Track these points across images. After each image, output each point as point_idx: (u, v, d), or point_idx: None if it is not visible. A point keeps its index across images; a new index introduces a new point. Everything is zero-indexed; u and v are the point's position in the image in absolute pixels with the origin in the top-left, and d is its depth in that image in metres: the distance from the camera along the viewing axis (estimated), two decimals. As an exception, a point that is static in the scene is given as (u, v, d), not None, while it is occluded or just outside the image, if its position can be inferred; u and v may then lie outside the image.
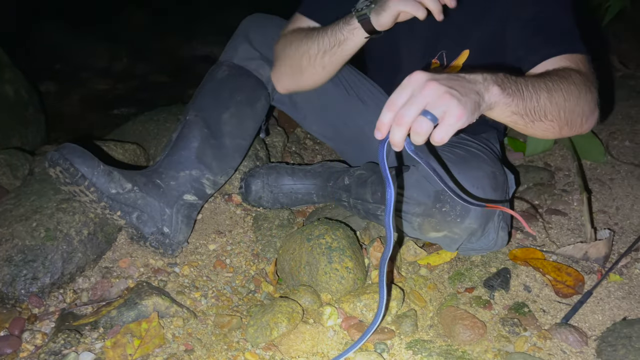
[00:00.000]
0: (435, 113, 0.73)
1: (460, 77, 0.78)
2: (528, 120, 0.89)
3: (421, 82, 0.74)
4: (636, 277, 1.18)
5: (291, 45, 1.25)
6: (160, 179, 1.23)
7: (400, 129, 0.74)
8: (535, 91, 0.88)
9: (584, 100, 0.96)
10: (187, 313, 1.09)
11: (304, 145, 1.96)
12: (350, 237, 1.24)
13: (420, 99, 0.73)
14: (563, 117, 0.94)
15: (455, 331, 1.07)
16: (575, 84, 0.94)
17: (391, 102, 0.76)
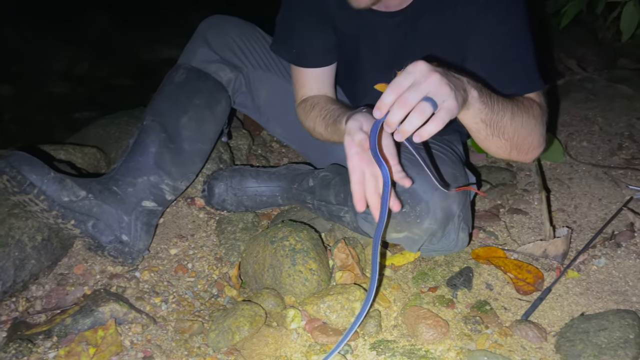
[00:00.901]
0: (437, 100, 0.78)
1: (453, 75, 0.85)
2: (489, 132, 0.97)
3: (426, 71, 0.79)
4: (593, 274, 1.21)
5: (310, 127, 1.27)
6: (117, 186, 1.19)
7: (402, 110, 0.78)
8: (502, 109, 0.95)
9: (535, 133, 1.06)
10: (147, 319, 1.07)
11: (270, 148, 1.94)
12: (314, 239, 1.24)
13: (424, 85, 0.78)
14: (515, 141, 1.02)
15: (418, 331, 1.07)
16: (534, 117, 1.04)
17: (395, 85, 0.79)
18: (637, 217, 1.31)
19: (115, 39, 3.47)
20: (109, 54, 3.27)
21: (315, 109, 1.24)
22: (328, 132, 1.20)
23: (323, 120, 1.20)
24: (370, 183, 0.92)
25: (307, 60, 1.28)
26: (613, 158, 1.71)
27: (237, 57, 1.39)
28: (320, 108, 1.22)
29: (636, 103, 2.06)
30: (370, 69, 1.28)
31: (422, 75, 0.79)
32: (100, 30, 3.54)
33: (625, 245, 1.25)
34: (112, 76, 2.94)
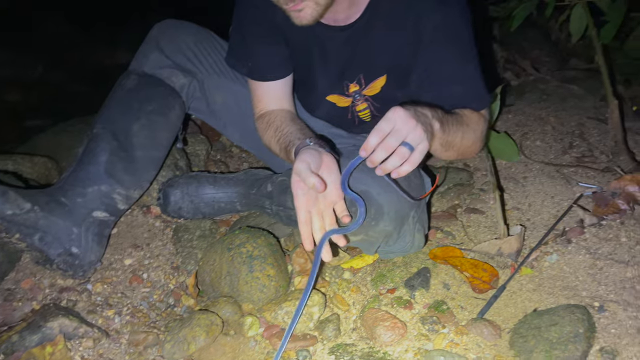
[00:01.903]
0: (413, 144, 0.90)
1: (421, 113, 0.96)
2: (443, 150, 1.09)
3: (405, 118, 0.90)
4: (545, 270, 1.23)
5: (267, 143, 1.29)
6: (65, 197, 1.15)
7: (385, 153, 0.90)
8: (456, 131, 1.08)
9: (478, 142, 1.21)
10: (99, 333, 1.04)
11: (230, 153, 1.92)
12: (272, 245, 1.23)
13: (403, 132, 0.90)
14: (462, 151, 1.17)
15: (376, 333, 1.08)
16: (479, 131, 1.19)
17: (379, 130, 0.90)
18: (586, 214, 1.35)
19: (70, 43, 3.37)
20: (63, 59, 3.17)
21: (271, 128, 1.24)
22: (282, 154, 1.22)
23: (277, 143, 1.22)
24: (316, 222, 1.01)
25: (262, 73, 1.28)
26: (565, 156, 1.75)
27: (190, 62, 1.37)
28: (275, 129, 1.23)
29: (586, 102, 2.12)
30: (323, 80, 1.28)
31: (401, 121, 0.90)
32: (54, 35, 3.43)
33: (575, 241, 1.28)
34: (67, 82, 2.85)
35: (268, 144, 1.27)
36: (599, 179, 1.58)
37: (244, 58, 1.27)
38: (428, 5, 1.12)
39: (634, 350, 0.98)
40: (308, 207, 0.99)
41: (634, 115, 1.99)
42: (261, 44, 1.23)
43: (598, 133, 1.85)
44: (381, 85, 1.24)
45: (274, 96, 1.28)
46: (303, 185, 0.98)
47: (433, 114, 0.99)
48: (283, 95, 1.29)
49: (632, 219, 1.31)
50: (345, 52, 1.20)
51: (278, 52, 1.25)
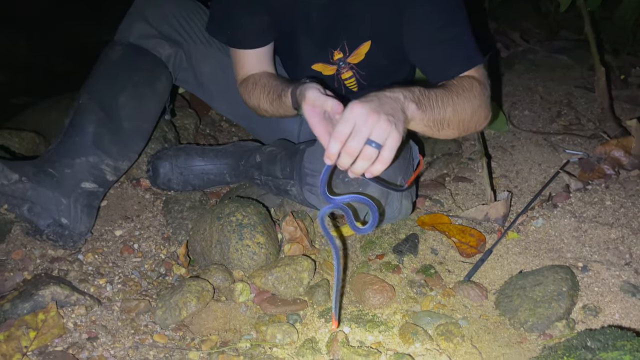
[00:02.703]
0: (379, 141, 0.84)
1: (388, 98, 0.89)
2: (436, 129, 1.02)
3: (364, 114, 0.83)
4: (531, 234, 1.26)
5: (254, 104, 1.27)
6: (53, 168, 1.15)
7: (350, 158, 0.84)
8: (443, 105, 1.00)
9: (480, 110, 1.09)
10: (91, 300, 1.05)
11: (219, 128, 1.92)
12: (261, 213, 1.24)
13: (365, 130, 0.83)
14: (462, 126, 1.08)
15: (365, 296, 1.10)
16: (475, 97, 1.07)
17: (337, 134, 0.84)
18: (572, 179, 1.37)
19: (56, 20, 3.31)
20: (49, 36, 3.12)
21: (258, 86, 1.23)
22: (274, 107, 1.20)
23: (267, 96, 1.20)
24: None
25: (242, 42, 1.27)
26: (552, 125, 1.77)
27: (176, 32, 1.36)
28: (263, 85, 1.22)
29: (575, 72, 2.13)
30: (306, 47, 1.28)
31: (361, 119, 0.83)
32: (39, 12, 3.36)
33: (561, 206, 1.30)
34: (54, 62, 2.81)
35: (256, 102, 1.25)
36: (585, 145, 1.60)
37: (224, 26, 1.26)
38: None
39: (616, 307, 1.01)
40: (329, 130, 0.93)
41: (622, 83, 2.00)
42: (242, 12, 1.22)
43: (586, 101, 1.87)
44: (365, 52, 1.23)
45: (255, 62, 1.28)
46: (318, 111, 0.94)
47: (406, 96, 0.92)
48: (265, 61, 1.29)
49: (617, 183, 1.34)
50: (327, 18, 1.19)
51: (259, 21, 1.24)
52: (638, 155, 1.36)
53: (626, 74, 2.07)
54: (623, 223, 1.20)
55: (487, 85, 1.13)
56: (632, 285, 1.03)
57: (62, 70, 2.72)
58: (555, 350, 0.84)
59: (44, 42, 3.04)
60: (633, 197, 1.26)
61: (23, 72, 2.71)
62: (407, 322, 1.04)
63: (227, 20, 1.24)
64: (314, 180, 1.16)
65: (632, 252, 1.12)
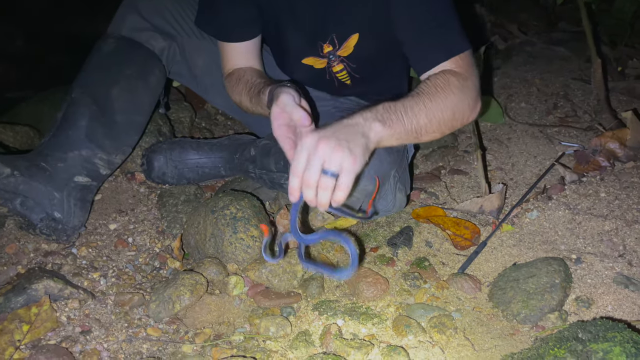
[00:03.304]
0: (334, 169, 0.83)
1: (343, 125, 0.88)
2: (413, 139, 1.00)
3: (313, 144, 0.83)
4: (526, 226, 1.26)
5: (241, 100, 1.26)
6: (46, 162, 1.15)
7: (310, 190, 0.84)
8: (414, 114, 0.97)
9: (461, 105, 1.05)
10: (84, 294, 1.05)
11: (215, 121, 1.91)
12: (256, 207, 1.24)
13: (316, 160, 0.83)
14: (444, 127, 1.04)
15: (359, 289, 1.10)
16: (453, 93, 1.03)
17: (294, 169, 0.85)
18: (567, 171, 1.36)
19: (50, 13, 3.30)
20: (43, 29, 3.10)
21: (241, 82, 1.23)
22: (252, 104, 1.20)
23: (248, 94, 1.20)
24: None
25: (230, 34, 1.26)
26: (549, 117, 1.76)
27: (170, 25, 1.35)
28: (246, 82, 1.22)
29: (572, 64, 2.13)
30: (296, 41, 1.27)
31: (312, 149, 0.83)
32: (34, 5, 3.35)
33: (555, 198, 1.30)
34: (49, 54, 2.80)
35: (238, 98, 1.25)
36: (581, 137, 1.60)
37: (211, 19, 1.26)
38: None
39: (609, 299, 1.01)
40: (289, 135, 0.96)
41: (619, 75, 2.00)
42: (229, 5, 1.21)
43: (582, 93, 1.86)
44: (354, 44, 1.23)
45: (242, 56, 1.28)
46: (285, 116, 0.96)
47: (367, 117, 0.90)
48: (252, 55, 1.28)
49: (612, 175, 1.33)
50: (315, 11, 1.18)
51: (245, 14, 1.23)
52: (633, 147, 1.36)
53: (623, 65, 2.07)
54: (617, 215, 1.20)
55: (468, 76, 1.07)
56: (625, 276, 1.04)
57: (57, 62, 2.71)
58: (546, 342, 0.84)
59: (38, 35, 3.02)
60: (627, 189, 1.26)
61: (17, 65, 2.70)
62: (401, 315, 1.04)
63: (215, 13, 1.24)
64: None
65: (626, 244, 1.12)
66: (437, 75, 1.06)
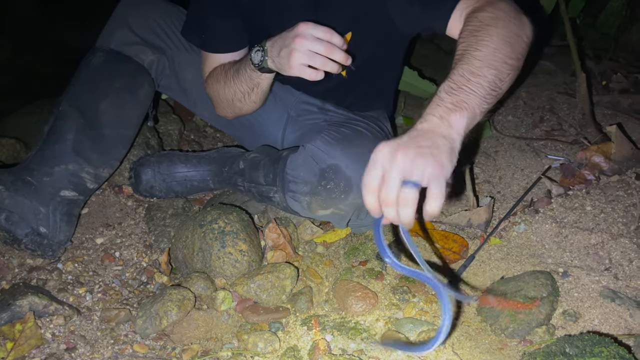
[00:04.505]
0: (415, 179, 0.71)
1: (419, 131, 0.76)
2: (495, 96, 0.86)
3: (389, 155, 0.73)
4: (513, 239, 1.26)
5: (218, 91, 1.26)
6: (32, 176, 1.14)
7: (391, 208, 0.72)
8: (479, 75, 0.83)
9: (510, 31, 0.90)
10: (70, 310, 1.04)
11: (204, 133, 1.91)
12: (244, 220, 1.23)
13: (394, 173, 0.71)
14: (511, 62, 0.88)
15: (348, 304, 1.09)
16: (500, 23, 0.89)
17: (368, 185, 0.74)
18: (553, 184, 1.38)
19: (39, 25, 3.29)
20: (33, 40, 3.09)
21: (222, 72, 1.24)
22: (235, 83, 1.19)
23: (227, 74, 1.20)
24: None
25: (214, 46, 1.27)
26: (535, 130, 1.78)
27: (159, 38, 1.35)
28: (222, 67, 1.23)
29: (557, 78, 2.15)
30: None
31: (388, 161, 0.73)
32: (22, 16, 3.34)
33: (542, 211, 1.31)
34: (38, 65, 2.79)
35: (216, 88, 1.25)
36: (567, 151, 1.61)
37: (197, 29, 1.26)
38: None
39: (595, 313, 1.02)
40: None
41: (603, 89, 2.03)
42: (216, 16, 1.22)
43: (567, 107, 1.88)
44: (347, 42, 1.23)
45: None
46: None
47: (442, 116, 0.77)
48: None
49: (597, 189, 1.35)
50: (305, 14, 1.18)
51: (233, 26, 1.24)
52: (618, 161, 1.37)
53: (608, 79, 2.09)
54: (603, 228, 1.21)
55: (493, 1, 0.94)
56: (611, 290, 1.04)
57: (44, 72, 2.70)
58: (534, 357, 0.84)
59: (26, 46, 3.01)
60: (613, 202, 1.28)
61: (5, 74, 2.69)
62: (390, 329, 1.04)
63: (201, 23, 1.25)
64: (296, 187, 1.16)
65: (612, 258, 1.13)
66: (465, 21, 0.95)
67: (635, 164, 1.39)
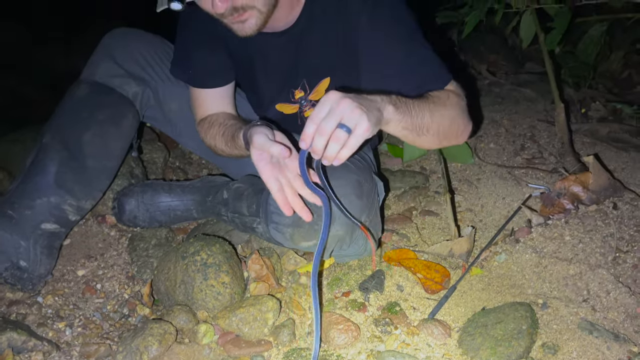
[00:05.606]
0: (349, 125, 0.87)
1: (364, 96, 0.92)
2: (415, 134, 1.04)
3: (337, 98, 0.87)
4: (494, 269, 1.28)
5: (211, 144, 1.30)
6: (13, 209, 1.13)
7: (322, 138, 0.87)
8: (420, 111, 1.02)
9: (458, 119, 1.12)
10: (48, 346, 1.02)
11: (189, 160, 1.92)
12: (227, 252, 1.23)
13: (337, 112, 0.86)
14: (441, 133, 1.09)
15: (330, 336, 1.09)
16: (452, 107, 1.11)
17: (314, 116, 0.88)
18: (533, 214, 1.40)
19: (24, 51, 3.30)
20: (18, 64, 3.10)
21: (214, 126, 1.25)
22: (229, 147, 1.22)
23: (222, 137, 1.22)
24: (289, 189, 1.01)
25: (202, 81, 1.29)
26: (516, 158, 1.81)
27: (143, 70, 1.37)
28: (219, 125, 1.24)
29: (538, 105, 2.20)
30: (267, 88, 1.30)
31: (335, 102, 0.87)
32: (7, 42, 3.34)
33: (523, 241, 1.33)
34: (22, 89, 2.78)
35: (212, 141, 1.27)
36: (547, 179, 1.64)
37: (185, 66, 1.28)
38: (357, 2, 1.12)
39: (574, 345, 1.03)
40: (276, 175, 1.01)
41: (582, 117, 2.07)
42: (203, 53, 1.25)
43: (547, 135, 1.92)
44: (325, 88, 1.26)
45: (215, 102, 1.30)
46: (265, 156, 1.00)
47: (383, 98, 0.95)
48: (224, 100, 1.31)
49: (576, 218, 1.37)
50: (285, 58, 1.22)
51: (219, 61, 1.26)
52: (596, 191, 1.40)
53: (587, 107, 2.14)
54: (581, 259, 1.23)
55: (462, 97, 1.16)
56: (589, 322, 1.06)
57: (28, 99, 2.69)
58: (512, 393, 0.85)
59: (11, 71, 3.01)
60: (591, 232, 1.30)
61: (-9, 102, 2.67)
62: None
63: (188, 59, 1.27)
64: (279, 218, 1.17)
65: (590, 289, 1.15)
66: (438, 92, 1.13)
67: (613, 194, 1.42)
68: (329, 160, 0.89)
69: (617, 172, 1.60)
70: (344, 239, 1.16)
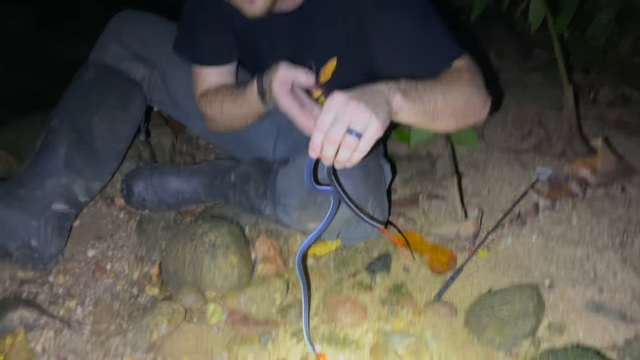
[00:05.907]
0: (358, 129, 0.84)
1: (370, 90, 0.89)
2: (429, 120, 1.00)
3: (343, 103, 0.84)
4: (501, 252, 1.28)
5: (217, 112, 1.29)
6: (23, 190, 1.15)
7: (332, 146, 0.85)
8: (432, 95, 0.98)
9: (473, 97, 1.07)
10: (60, 324, 1.04)
11: (197, 145, 1.92)
12: (234, 234, 1.24)
13: (344, 118, 0.84)
14: (457, 114, 1.06)
15: (337, 316, 1.11)
16: (465, 84, 1.05)
17: (320, 124, 0.85)
18: (541, 197, 1.40)
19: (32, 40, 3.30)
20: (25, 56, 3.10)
21: (220, 92, 1.25)
22: (237, 105, 1.21)
23: (231, 96, 1.22)
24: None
25: (204, 60, 1.29)
26: (524, 143, 1.81)
27: (152, 53, 1.37)
28: (226, 89, 1.24)
29: (546, 91, 2.18)
30: None
31: (341, 107, 0.84)
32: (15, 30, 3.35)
33: (530, 224, 1.33)
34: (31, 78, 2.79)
35: (219, 108, 1.26)
36: (554, 164, 1.63)
37: (188, 43, 1.28)
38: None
39: (580, 325, 1.03)
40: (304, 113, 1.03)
41: (591, 102, 2.06)
42: (208, 32, 1.24)
43: (555, 120, 1.91)
44: (332, 71, 1.25)
45: (217, 79, 1.30)
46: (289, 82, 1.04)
47: (390, 87, 0.92)
48: (227, 79, 1.31)
49: (584, 202, 1.37)
50: (291, 39, 1.21)
51: (223, 40, 1.26)
52: (603, 174, 1.40)
53: (596, 92, 2.13)
54: (588, 241, 1.23)
55: (476, 72, 1.10)
56: (595, 303, 1.06)
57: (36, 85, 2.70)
58: (518, 370, 0.85)
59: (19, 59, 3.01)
60: (598, 215, 1.30)
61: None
62: (378, 342, 1.05)
63: (192, 37, 1.27)
64: (287, 200, 1.17)
65: (597, 270, 1.15)
66: (450, 70, 1.08)
67: (621, 177, 1.41)
68: (341, 165, 0.89)
69: (626, 156, 1.58)
70: (350, 221, 1.17)
